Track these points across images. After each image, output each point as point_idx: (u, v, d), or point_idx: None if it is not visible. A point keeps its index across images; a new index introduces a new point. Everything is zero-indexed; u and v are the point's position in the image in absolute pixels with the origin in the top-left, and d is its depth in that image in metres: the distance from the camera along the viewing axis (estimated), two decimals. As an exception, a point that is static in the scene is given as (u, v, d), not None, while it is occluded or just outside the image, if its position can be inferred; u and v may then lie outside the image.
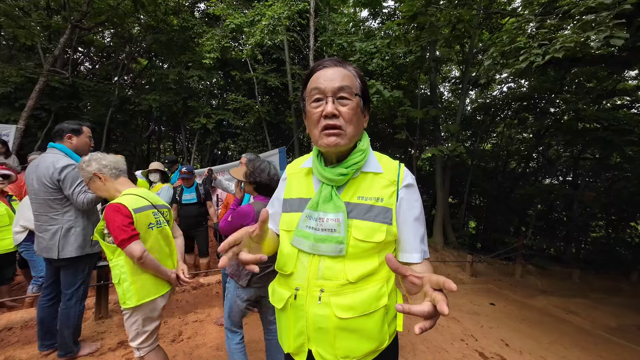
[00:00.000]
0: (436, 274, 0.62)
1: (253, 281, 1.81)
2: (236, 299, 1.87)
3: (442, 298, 0.57)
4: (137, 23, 10.29)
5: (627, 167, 8.99)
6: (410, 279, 0.66)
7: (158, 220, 1.70)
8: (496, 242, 10.74)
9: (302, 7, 7.31)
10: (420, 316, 0.58)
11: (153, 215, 1.67)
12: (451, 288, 0.56)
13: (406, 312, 0.58)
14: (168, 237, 1.77)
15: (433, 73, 9.04)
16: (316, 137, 0.88)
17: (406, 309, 0.59)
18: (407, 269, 0.67)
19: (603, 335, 3.82)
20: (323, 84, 0.85)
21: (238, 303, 1.87)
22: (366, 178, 0.93)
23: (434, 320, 0.58)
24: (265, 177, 1.87)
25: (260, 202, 1.89)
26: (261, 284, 1.84)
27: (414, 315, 0.58)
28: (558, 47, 3.12)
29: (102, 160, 1.67)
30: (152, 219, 1.66)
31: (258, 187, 1.91)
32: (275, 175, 1.90)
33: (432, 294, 0.59)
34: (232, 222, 1.82)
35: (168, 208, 1.86)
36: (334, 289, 0.87)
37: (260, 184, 1.88)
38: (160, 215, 1.73)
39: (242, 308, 1.89)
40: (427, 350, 2.85)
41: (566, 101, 8.70)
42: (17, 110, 7.61)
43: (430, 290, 0.60)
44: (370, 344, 0.88)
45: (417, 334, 0.56)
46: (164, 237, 1.73)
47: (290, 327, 0.94)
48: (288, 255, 0.95)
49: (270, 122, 10.83)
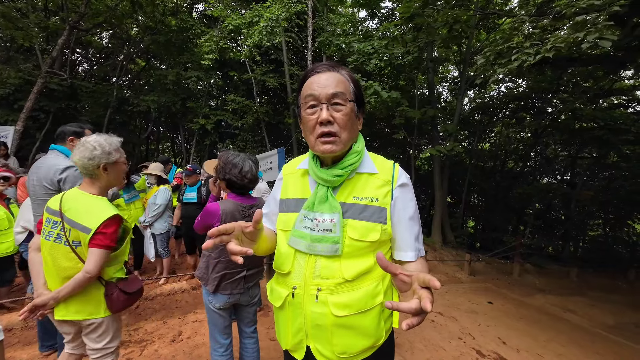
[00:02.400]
0: (424, 273, 0.64)
1: (222, 287, 1.68)
2: (209, 306, 1.74)
3: (427, 295, 0.59)
4: (135, 24, 10.30)
5: (624, 166, 9.04)
6: (400, 277, 0.69)
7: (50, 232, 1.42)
8: (494, 241, 10.79)
9: (300, 9, 7.33)
10: (408, 313, 0.60)
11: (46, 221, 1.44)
12: (435, 286, 0.58)
13: (395, 309, 0.61)
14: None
15: (431, 73, 9.08)
16: (312, 143, 0.90)
17: (395, 306, 0.61)
18: (397, 267, 0.69)
19: (600, 333, 3.84)
20: (317, 91, 0.86)
21: (212, 310, 1.74)
22: (361, 178, 0.95)
23: (421, 317, 0.60)
24: (235, 173, 1.66)
25: (230, 200, 1.70)
26: (233, 292, 1.71)
27: (403, 313, 0.60)
28: (549, 47, 3.16)
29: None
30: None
31: (229, 185, 1.72)
32: (249, 173, 1.69)
33: (419, 292, 0.61)
34: (201, 221, 1.68)
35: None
36: (331, 287, 0.89)
37: (230, 181, 1.68)
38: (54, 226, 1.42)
39: (217, 316, 1.75)
40: (424, 349, 2.87)
41: (563, 101, 8.75)
42: (15, 111, 7.61)
43: (418, 288, 0.62)
44: (367, 341, 0.91)
45: (404, 329, 0.59)
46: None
47: (289, 324, 0.96)
48: (285, 254, 0.97)
49: (268, 122, 10.85)
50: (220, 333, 1.77)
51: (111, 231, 1.39)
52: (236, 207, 1.68)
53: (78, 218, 1.38)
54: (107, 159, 1.43)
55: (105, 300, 1.44)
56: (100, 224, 1.36)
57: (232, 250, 0.73)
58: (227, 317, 1.78)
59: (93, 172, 1.43)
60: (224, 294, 1.70)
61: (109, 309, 1.44)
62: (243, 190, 1.76)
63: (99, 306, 1.44)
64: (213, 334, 1.78)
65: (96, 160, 1.40)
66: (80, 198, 1.44)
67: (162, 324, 2.97)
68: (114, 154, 1.46)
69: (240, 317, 1.90)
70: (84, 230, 1.36)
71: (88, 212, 1.39)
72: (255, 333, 1.95)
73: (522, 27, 3.86)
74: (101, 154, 1.41)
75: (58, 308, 1.40)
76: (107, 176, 1.47)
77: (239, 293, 1.73)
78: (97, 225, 1.35)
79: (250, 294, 1.83)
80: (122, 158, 1.53)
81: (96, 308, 1.44)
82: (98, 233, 1.36)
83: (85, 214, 1.38)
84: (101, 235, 1.36)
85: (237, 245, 0.74)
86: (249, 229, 0.80)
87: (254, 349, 1.91)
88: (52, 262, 1.40)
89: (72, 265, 1.38)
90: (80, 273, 1.35)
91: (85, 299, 1.41)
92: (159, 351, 2.50)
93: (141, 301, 3.48)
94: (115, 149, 1.48)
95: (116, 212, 1.43)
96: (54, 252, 1.39)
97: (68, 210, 1.39)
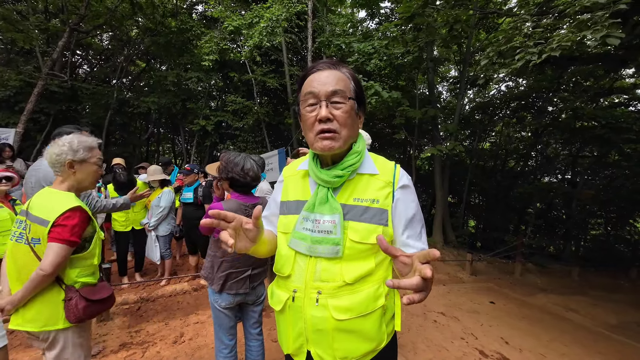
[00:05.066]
0: (424, 251, 0.65)
1: (227, 286, 1.68)
2: (214, 305, 1.74)
3: (427, 266, 0.59)
4: (135, 25, 10.32)
5: (626, 165, 9.01)
6: (400, 259, 0.70)
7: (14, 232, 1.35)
8: (495, 240, 10.76)
9: (300, 9, 7.33)
10: (409, 289, 0.61)
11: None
12: (435, 255, 0.59)
13: (396, 287, 0.61)
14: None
15: (431, 73, 9.07)
16: (311, 140, 0.89)
17: (396, 283, 0.61)
18: (396, 249, 0.70)
19: (603, 332, 3.83)
20: (317, 88, 0.86)
21: (217, 309, 1.74)
22: (362, 180, 0.94)
23: (423, 294, 0.61)
24: (238, 170, 1.68)
25: (233, 200, 1.72)
26: (238, 291, 1.71)
27: (404, 289, 0.61)
28: (555, 46, 3.14)
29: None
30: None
31: (232, 184, 1.74)
32: (251, 171, 1.71)
33: (419, 267, 0.61)
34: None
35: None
36: (331, 290, 0.88)
37: (233, 179, 1.70)
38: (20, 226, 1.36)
39: (223, 316, 1.75)
40: (427, 349, 2.86)
41: (564, 100, 8.74)
42: (16, 113, 7.63)
43: (418, 265, 0.62)
44: (369, 345, 0.90)
45: (405, 304, 0.59)
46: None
47: (289, 328, 0.95)
48: (286, 257, 0.96)
49: (269, 123, 10.85)
50: (226, 333, 1.77)
51: (72, 224, 1.28)
52: (239, 207, 1.68)
53: (39, 212, 1.29)
54: (73, 156, 1.38)
55: (64, 307, 1.30)
56: (60, 215, 1.26)
57: (223, 238, 0.72)
58: (232, 317, 1.78)
59: (60, 169, 1.38)
60: (229, 293, 1.70)
61: (67, 318, 1.29)
62: (246, 188, 1.76)
63: (57, 314, 1.29)
64: (218, 334, 1.78)
65: (62, 157, 1.36)
66: (45, 194, 1.37)
67: (164, 326, 2.96)
68: (81, 152, 1.40)
69: (246, 317, 1.90)
70: (42, 224, 1.26)
71: (48, 206, 1.31)
72: (261, 335, 1.95)
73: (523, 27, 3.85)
74: (68, 150, 1.37)
75: (15, 315, 1.27)
76: (74, 175, 1.40)
77: (244, 292, 1.73)
78: (56, 216, 1.25)
79: (255, 293, 1.83)
80: (94, 159, 1.47)
81: (53, 317, 1.28)
82: (57, 225, 1.25)
83: (45, 207, 1.30)
84: (60, 228, 1.25)
85: (228, 236, 0.73)
86: (249, 226, 0.79)
87: (259, 352, 1.90)
88: (13, 263, 1.31)
89: (30, 266, 1.26)
90: (34, 272, 1.23)
91: (42, 304, 1.28)
92: (161, 353, 2.49)
93: (143, 303, 3.48)
94: (86, 147, 1.42)
95: (79, 204, 1.34)
96: (15, 252, 1.30)
97: (32, 207, 1.32)
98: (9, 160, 4.12)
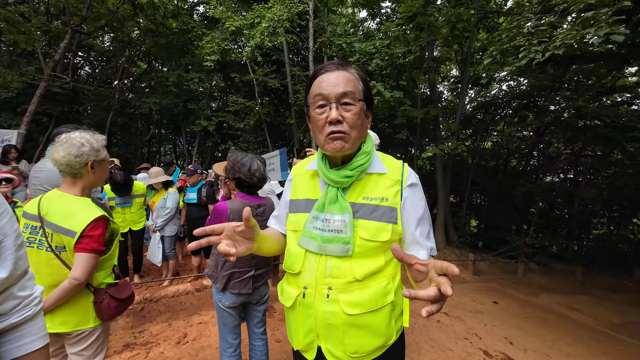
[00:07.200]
0: (440, 261, 0.65)
1: (230, 285, 1.69)
2: (218, 304, 1.75)
3: (446, 281, 0.59)
4: (137, 27, 10.34)
5: (629, 164, 8.95)
6: (416, 267, 0.69)
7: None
8: (498, 240, 10.71)
9: (301, 9, 7.34)
10: (426, 300, 0.60)
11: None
12: (454, 272, 0.58)
13: (413, 297, 0.60)
14: None
15: (432, 73, 9.06)
16: (322, 142, 0.89)
17: (413, 294, 0.60)
18: (412, 257, 0.70)
19: (607, 332, 3.81)
20: (327, 90, 0.85)
21: (221, 309, 1.75)
22: (371, 179, 0.94)
23: (440, 305, 0.60)
24: (245, 171, 1.70)
25: (238, 199, 1.74)
26: (241, 291, 1.71)
27: (421, 300, 0.60)
28: (558, 43, 3.13)
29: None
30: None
31: (238, 184, 1.76)
32: (257, 172, 1.73)
33: (437, 279, 0.61)
34: (210, 221, 1.72)
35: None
36: (342, 286, 0.88)
37: (240, 179, 1.72)
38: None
39: (227, 315, 1.75)
40: (431, 350, 2.85)
41: (566, 98, 8.70)
42: (18, 115, 7.67)
43: (435, 276, 0.62)
44: (379, 340, 0.90)
45: (424, 316, 0.58)
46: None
47: (300, 325, 0.96)
48: (296, 255, 0.97)
49: (270, 123, 10.86)
50: (230, 333, 1.78)
51: (98, 233, 1.29)
52: (244, 206, 1.68)
53: (60, 221, 1.26)
54: (95, 156, 1.34)
55: (95, 308, 1.32)
56: (86, 226, 1.25)
57: (221, 250, 0.73)
58: (236, 317, 1.79)
59: (78, 171, 1.32)
60: (232, 292, 1.71)
61: (99, 318, 1.33)
62: (252, 189, 1.79)
63: (88, 315, 1.32)
64: (223, 334, 1.79)
65: (84, 158, 1.30)
66: (60, 200, 1.31)
67: (167, 326, 2.97)
68: (102, 152, 1.38)
69: (249, 317, 1.90)
70: (67, 234, 1.24)
71: (71, 214, 1.27)
72: (265, 335, 1.95)
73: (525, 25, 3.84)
74: (90, 150, 1.32)
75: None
76: (92, 175, 1.36)
77: (247, 293, 1.74)
78: (82, 227, 1.24)
79: (259, 293, 1.84)
80: (108, 157, 1.45)
81: (85, 318, 1.31)
82: (84, 236, 1.25)
83: (68, 216, 1.26)
84: (87, 239, 1.25)
85: (225, 246, 0.73)
86: (241, 229, 0.79)
87: (263, 352, 1.91)
88: (35, 270, 1.26)
89: (55, 272, 1.26)
90: (66, 281, 1.23)
91: (72, 308, 1.29)
92: (165, 353, 2.50)
93: (146, 303, 3.49)
94: (103, 146, 1.40)
95: (102, 213, 1.32)
96: (36, 259, 1.26)
97: (48, 213, 1.27)
98: (13, 161, 4.14)
